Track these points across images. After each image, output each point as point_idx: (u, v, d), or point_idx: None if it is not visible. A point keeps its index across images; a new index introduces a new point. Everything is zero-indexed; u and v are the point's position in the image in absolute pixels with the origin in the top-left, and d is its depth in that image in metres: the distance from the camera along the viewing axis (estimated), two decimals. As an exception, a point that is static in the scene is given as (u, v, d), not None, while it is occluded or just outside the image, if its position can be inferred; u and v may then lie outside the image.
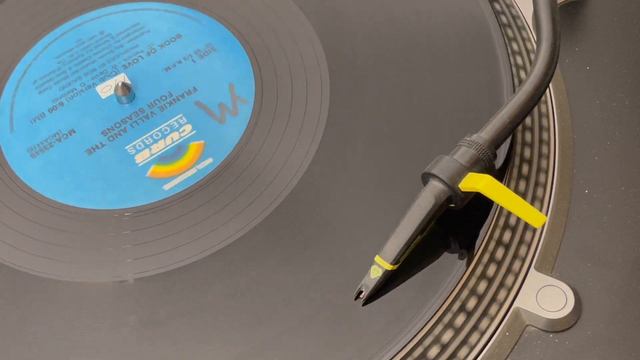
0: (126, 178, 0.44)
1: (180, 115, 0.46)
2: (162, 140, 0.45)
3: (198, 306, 0.39)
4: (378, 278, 0.37)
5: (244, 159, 0.44)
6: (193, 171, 0.44)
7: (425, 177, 0.38)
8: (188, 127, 0.45)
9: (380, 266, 0.37)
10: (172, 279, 0.40)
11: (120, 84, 0.47)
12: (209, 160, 0.44)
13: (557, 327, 0.38)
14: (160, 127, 0.46)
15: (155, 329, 0.38)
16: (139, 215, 0.42)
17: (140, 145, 0.45)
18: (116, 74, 0.48)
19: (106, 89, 0.48)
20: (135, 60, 0.49)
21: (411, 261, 0.38)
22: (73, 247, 0.42)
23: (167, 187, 0.43)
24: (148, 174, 0.44)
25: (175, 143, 0.45)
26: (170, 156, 0.44)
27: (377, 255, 0.37)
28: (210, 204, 0.42)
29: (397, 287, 0.38)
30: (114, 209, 0.43)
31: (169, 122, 0.46)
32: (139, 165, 0.44)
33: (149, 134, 0.45)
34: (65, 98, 0.48)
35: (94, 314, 0.39)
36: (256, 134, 0.44)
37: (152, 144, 0.45)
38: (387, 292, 0.38)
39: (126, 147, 0.45)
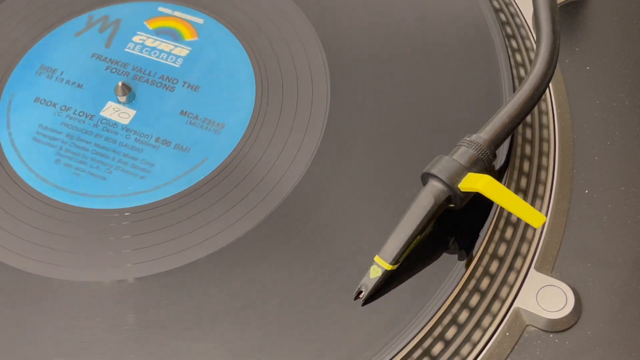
0: None
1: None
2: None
3: (198, 306, 0.39)
4: (377, 278, 0.37)
5: (244, 161, 0.44)
6: None
7: (425, 177, 0.38)
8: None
9: (379, 266, 0.37)
10: (172, 279, 0.40)
11: (120, 84, 0.47)
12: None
13: (557, 327, 0.38)
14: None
15: (155, 329, 0.38)
16: (139, 215, 0.42)
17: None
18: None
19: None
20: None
21: (411, 261, 0.38)
22: (73, 247, 0.42)
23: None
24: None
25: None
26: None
27: (376, 255, 0.37)
28: (210, 205, 0.42)
29: (397, 287, 0.38)
30: (114, 209, 0.43)
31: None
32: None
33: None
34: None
35: (94, 314, 0.39)
36: (255, 136, 0.44)
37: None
38: (386, 292, 0.38)
39: None
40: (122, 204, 0.43)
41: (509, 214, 0.40)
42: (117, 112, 0.47)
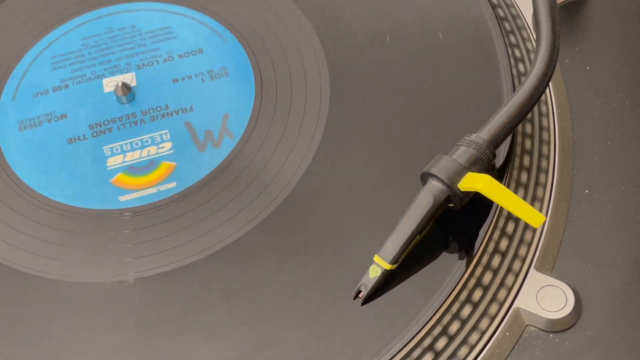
0: (90, 177, 0.44)
1: (166, 131, 0.45)
2: (139, 150, 0.45)
3: (198, 306, 0.39)
4: (377, 278, 0.37)
5: (244, 159, 0.44)
6: (153, 190, 0.43)
7: (424, 177, 0.38)
8: (168, 145, 0.45)
9: (379, 266, 0.37)
10: (172, 279, 0.40)
11: (120, 84, 0.47)
12: (172, 185, 0.43)
13: (557, 327, 0.38)
14: (142, 137, 0.45)
15: (155, 329, 0.39)
16: (139, 215, 0.42)
17: (117, 149, 0.45)
18: (127, 71, 0.48)
19: (111, 84, 0.48)
20: (149, 63, 0.48)
21: (410, 261, 0.38)
22: (73, 247, 0.42)
23: (122, 198, 0.43)
24: (112, 180, 0.44)
25: (150, 157, 0.45)
26: (140, 168, 0.44)
27: (376, 255, 0.37)
28: (210, 205, 0.42)
29: (396, 287, 0.38)
30: (114, 209, 0.43)
31: (152, 134, 0.45)
32: (108, 168, 0.44)
33: (129, 140, 0.45)
34: (72, 81, 0.48)
35: (94, 314, 0.39)
36: (256, 134, 0.44)
37: (128, 151, 0.45)
38: (386, 292, 0.38)
39: (104, 147, 0.45)
40: (122, 204, 0.43)
41: (509, 213, 0.40)
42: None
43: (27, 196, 0.44)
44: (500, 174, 0.41)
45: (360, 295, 0.38)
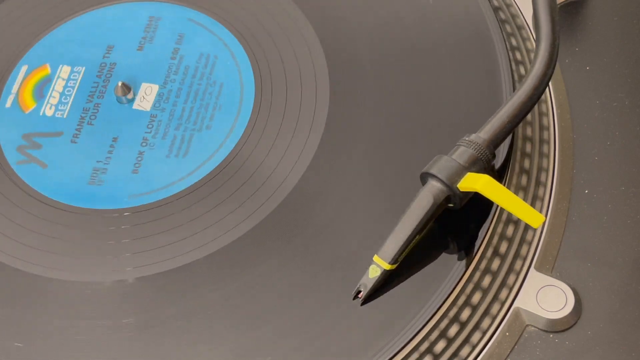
0: None
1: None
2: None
3: (198, 306, 0.39)
4: (376, 278, 0.37)
5: (244, 160, 0.44)
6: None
7: (424, 177, 0.38)
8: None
9: (378, 266, 0.37)
10: (172, 279, 0.40)
11: (120, 84, 0.47)
12: None
13: (557, 327, 0.38)
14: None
15: (155, 329, 0.39)
16: (139, 215, 0.42)
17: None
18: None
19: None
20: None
21: (410, 261, 0.38)
22: (73, 247, 0.42)
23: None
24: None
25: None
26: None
27: (375, 255, 0.37)
28: (209, 205, 0.42)
29: (396, 287, 0.38)
30: (114, 209, 0.43)
31: None
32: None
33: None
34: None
35: (94, 314, 0.39)
36: (255, 136, 0.44)
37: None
38: (385, 292, 0.38)
39: None
40: (122, 204, 0.43)
41: (509, 213, 0.40)
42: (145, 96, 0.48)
43: (27, 196, 0.44)
44: (500, 174, 0.41)
45: (359, 296, 0.38)
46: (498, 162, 0.41)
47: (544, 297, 0.39)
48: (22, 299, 0.40)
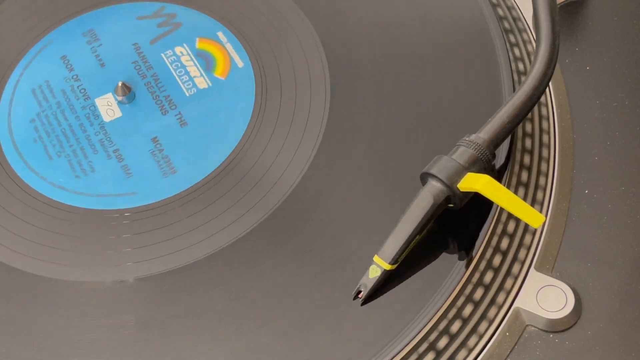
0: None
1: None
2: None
3: (198, 306, 0.39)
4: (377, 278, 0.37)
5: (243, 161, 0.44)
6: None
7: (424, 177, 0.38)
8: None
9: (378, 266, 0.37)
10: (172, 279, 0.40)
11: (120, 84, 0.47)
12: None
13: (557, 327, 0.38)
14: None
15: (155, 329, 0.39)
16: (139, 216, 0.42)
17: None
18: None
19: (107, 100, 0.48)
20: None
21: (410, 261, 0.38)
22: (73, 247, 0.42)
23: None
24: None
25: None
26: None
27: (375, 255, 0.37)
28: (210, 205, 0.42)
29: (396, 287, 0.38)
30: (114, 209, 0.43)
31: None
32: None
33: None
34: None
35: (94, 314, 0.39)
36: (255, 136, 0.44)
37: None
38: (386, 292, 0.38)
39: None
40: (122, 204, 0.43)
41: (509, 214, 0.40)
42: (108, 107, 0.47)
43: (26, 195, 0.44)
44: (500, 174, 0.41)
45: (360, 296, 0.38)
46: (498, 163, 0.41)
47: (544, 297, 0.39)
48: (22, 299, 0.40)
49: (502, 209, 0.40)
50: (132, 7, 0.51)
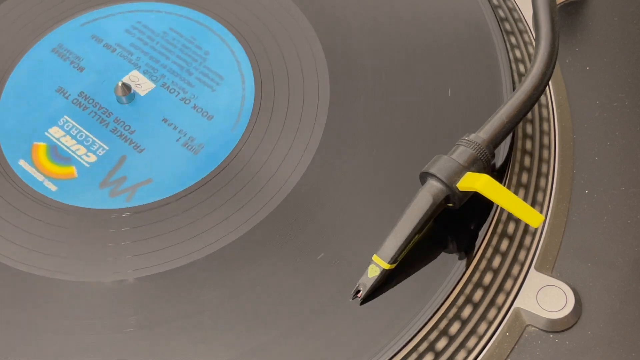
0: (28, 121, 0.47)
1: (104, 145, 0.46)
2: (76, 142, 0.46)
3: (198, 306, 0.39)
4: (376, 277, 0.37)
5: (244, 159, 0.44)
6: (40, 178, 0.45)
7: (423, 177, 0.38)
8: (93, 157, 0.45)
9: (378, 265, 0.37)
10: (172, 279, 0.40)
11: (120, 84, 0.47)
12: (53, 187, 0.44)
13: (557, 327, 0.38)
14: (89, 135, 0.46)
15: (155, 329, 0.39)
16: (139, 215, 0.42)
17: (67, 126, 0.46)
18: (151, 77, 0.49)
19: (133, 79, 0.48)
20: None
21: (410, 261, 0.38)
22: (73, 247, 0.42)
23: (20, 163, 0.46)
24: (32, 144, 0.46)
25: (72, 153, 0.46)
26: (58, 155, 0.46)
27: (374, 255, 0.37)
28: (210, 205, 0.42)
29: (396, 287, 0.38)
30: (113, 209, 0.43)
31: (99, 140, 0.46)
32: (44, 132, 0.47)
33: (83, 130, 0.46)
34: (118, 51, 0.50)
35: (94, 314, 0.39)
36: (255, 134, 0.45)
37: (70, 134, 0.46)
38: (384, 291, 0.38)
39: (65, 116, 0.47)
40: (122, 204, 0.43)
41: (509, 213, 0.40)
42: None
43: (26, 195, 0.44)
44: (499, 174, 0.41)
45: (359, 295, 0.38)
46: (498, 162, 0.41)
47: (544, 297, 0.39)
48: (22, 300, 0.40)
49: (502, 209, 0.40)
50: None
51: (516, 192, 0.41)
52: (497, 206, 0.39)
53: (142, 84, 0.48)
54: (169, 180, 0.44)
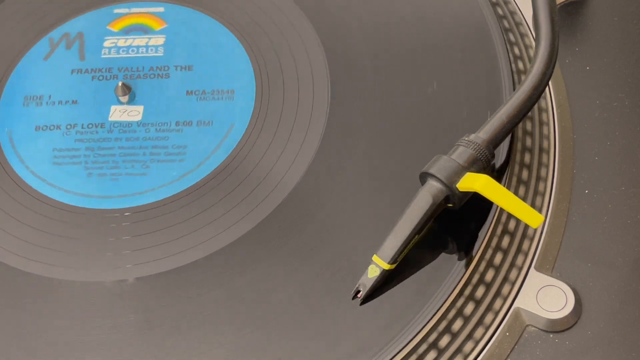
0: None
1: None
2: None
3: (198, 306, 0.39)
4: (376, 277, 0.37)
5: (243, 161, 0.44)
6: None
7: (423, 177, 0.38)
8: None
9: (378, 265, 0.37)
10: (172, 279, 0.40)
11: (120, 84, 0.47)
12: None
13: (557, 327, 0.38)
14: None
15: (155, 329, 0.39)
16: (139, 215, 0.42)
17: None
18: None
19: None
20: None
21: (410, 261, 0.38)
22: (73, 247, 0.42)
23: None
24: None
25: None
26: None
27: (374, 255, 0.37)
28: (210, 205, 0.42)
29: (395, 287, 0.38)
30: (114, 209, 0.43)
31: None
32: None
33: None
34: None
35: (94, 314, 0.39)
36: (255, 136, 0.45)
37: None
38: (384, 292, 0.38)
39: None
40: (122, 204, 0.43)
41: (509, 214, 0.40)
42: (125, 113, 0.47)
43: (26, 195, 0.44)
44: (499, 174, 0.41)
45: (359, 295, 0.38)
46: (498, 163, 0.41)
47: (544, 297, 0.39)
48: (22, 299, 0.40)
49: (502, 209, 0.40)
50: (30, 57, 0.50)
51: (516, 192, 0.41)
52: (497, 206, 0.39)
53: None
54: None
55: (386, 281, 0.38)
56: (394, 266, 0.37)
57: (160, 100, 0.47)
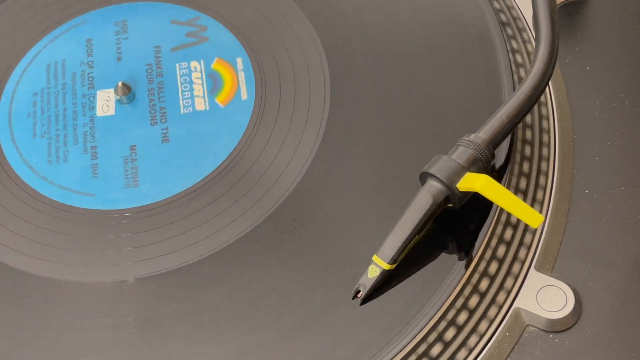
0: None
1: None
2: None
3: (198, 306, 0.39)
4: (376, 277, 0.37)
5: (244, 161, 0.44)
6: None
7: (423, 177, 0.38)
8: None
9: (378, 266, 0.37)
10: (172, 279, 0.40)
11: (120, 84, 0.47)
12: None
13: (557, 327, 0.38)
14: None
15: (155, 329, 0.39)
16: (139, 215, 0.42)
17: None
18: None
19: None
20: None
21: (409, 261, 0.38)
22: (73, 247, 0.42)
23: None
24: None
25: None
26: None
27: (374, 255, 0.37)
28: (210, 205, 0.42)
29: (395, 287, 0.38)
30: (114, 209, 0.43)
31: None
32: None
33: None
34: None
35: (94, 314, 0.39)
36: (255, 136, 0.45)
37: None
38: (385, 291, 0.38)
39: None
40: (122, 204, 0.43)
41: (509, 214, 0.40)
42: (105, 102, 0.47)
43: (26, 195, 0.44)
44: (499, 174, 0.41)
45: (359, 295, 0.38)
46: (498, 162, 0.41)
47: (544, 297, 0.39)
48: (22, 299, 0.40)
49: (502, 209, 0.40)
50: (170, 9, 0.50)
51: (516, 193, 0.41)
52: (497, 207, 0.39)
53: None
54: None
55: (386, 281, 0.38)
56: (394, 266, 0.37)
57: (122, 126, 0.46)
